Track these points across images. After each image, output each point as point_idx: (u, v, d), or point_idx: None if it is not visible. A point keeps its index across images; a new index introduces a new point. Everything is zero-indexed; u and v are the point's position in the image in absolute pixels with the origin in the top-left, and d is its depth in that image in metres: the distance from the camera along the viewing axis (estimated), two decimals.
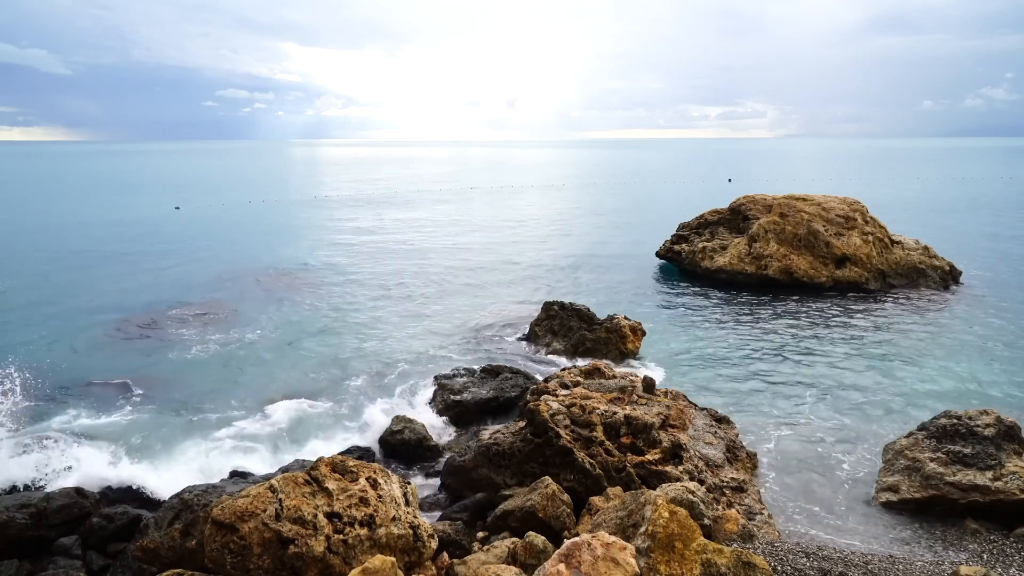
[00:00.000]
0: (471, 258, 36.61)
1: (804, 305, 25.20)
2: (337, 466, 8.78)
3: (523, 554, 8.33)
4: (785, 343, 20.81)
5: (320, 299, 27.29)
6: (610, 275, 31.58)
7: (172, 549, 8.75)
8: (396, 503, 8.52)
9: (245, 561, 7.56)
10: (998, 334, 21.34)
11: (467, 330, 22.95)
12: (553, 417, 11.83)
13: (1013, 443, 11.70)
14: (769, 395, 16.88)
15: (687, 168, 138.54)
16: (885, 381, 17.66)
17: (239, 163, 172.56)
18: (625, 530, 8.01)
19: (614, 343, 19.33)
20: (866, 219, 29.56)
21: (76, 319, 24.37)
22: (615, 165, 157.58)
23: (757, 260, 28.49)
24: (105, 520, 10.50)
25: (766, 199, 31.20)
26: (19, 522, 10.28)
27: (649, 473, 11.17)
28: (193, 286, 29.48)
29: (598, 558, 6.80)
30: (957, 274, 29.03)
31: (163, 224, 50.02)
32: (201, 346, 21.25)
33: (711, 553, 7.36)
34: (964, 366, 18.62)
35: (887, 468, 12.29)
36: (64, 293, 28.38)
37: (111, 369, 19.20)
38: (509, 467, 11.77)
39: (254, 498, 7.91)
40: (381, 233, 45.69)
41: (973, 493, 11.10)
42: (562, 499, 10.15)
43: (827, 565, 8.51)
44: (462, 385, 16.39)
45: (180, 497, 10.28)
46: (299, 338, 22.10)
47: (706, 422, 13.40)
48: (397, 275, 32.04)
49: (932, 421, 12.66)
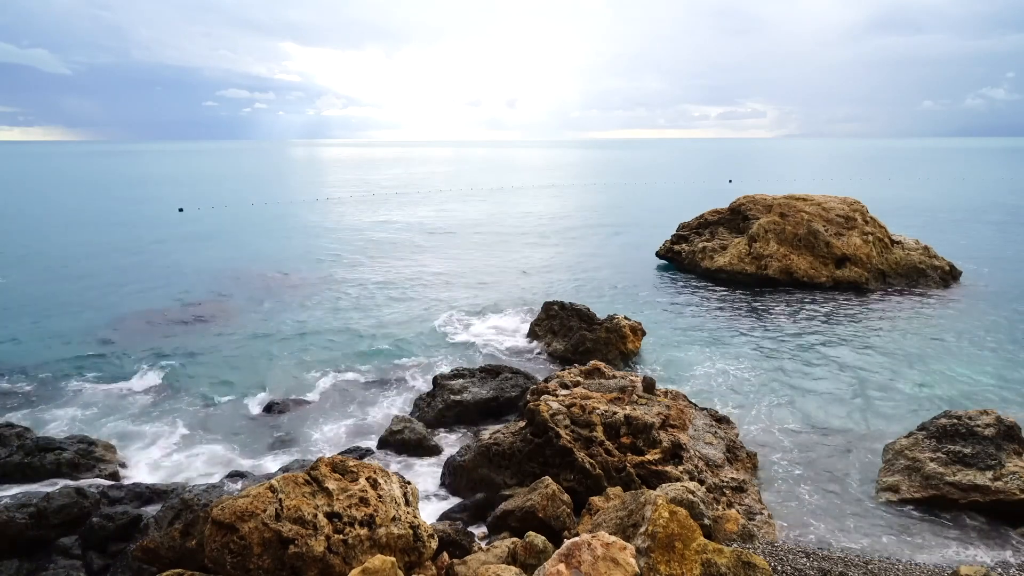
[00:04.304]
0: (471, 258, 36.62)
1: (804, 305, 25.19)
2: (337, 466, 8.78)
3: (523, 554, 8.32)
4: (785, 343, 20.81)
5: (320, 299, 27.30)
6: (610, 275, 31.58)
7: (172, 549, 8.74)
8: (396, 503, 8.52)
9: (245, 561, 7.56)
10: (998, 334, 21.33)
11: (467, 330, 22.95)
12: (553, 417, 11.82)
13: (1013, 443, 11.70)
14: (769, 395, 16.88)
15: (687, 168, 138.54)
16: (885, 381, 17.65)
17: (240, 163, 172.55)
18: (625, 530, 8.01)
19: (614, 343, 19.33)
20: (866, 219, 29.57)
21: (76, 319, 24.38)
22: (615, 165, 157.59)
23: (757, 260, 28.49)
24: (105, 520, 10.49)
25: (766, 199, 31.20)
26: (19, 522, 10.28)
27: (649, 473, 11.16)
28: (194, 286, 29.50)
29: (598, 558, 6.80)
30: (957, 274, 29.03)
31: (165, 225, 50.04)
32: (201, 346, 21.26)
33: (711, 553, 7.36)
34: (964, 366, 18.62)
35: (887, 468, 12.29)
36: (65, 293, 28.39)
37: (111, 368, 19.21)
38: (509, 467, 11.77)
39: (254, 498, 7.91)
40: (381, 233, 45.68)
41: (973, 493, 11.11)
42: (562, 499, 10.14)
43: (827, 565, 8.51)
44: (462, 385, 16.38)
45: (180, 497, 10.28)
46: (299, 338, 22.11)
47: (706, 422, 13.40)
48: (397, 275, 32.05)
49: (932, 421, 12.66)
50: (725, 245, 30.31)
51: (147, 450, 14.60)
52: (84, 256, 36.99)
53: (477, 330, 22.97)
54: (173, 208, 60.74)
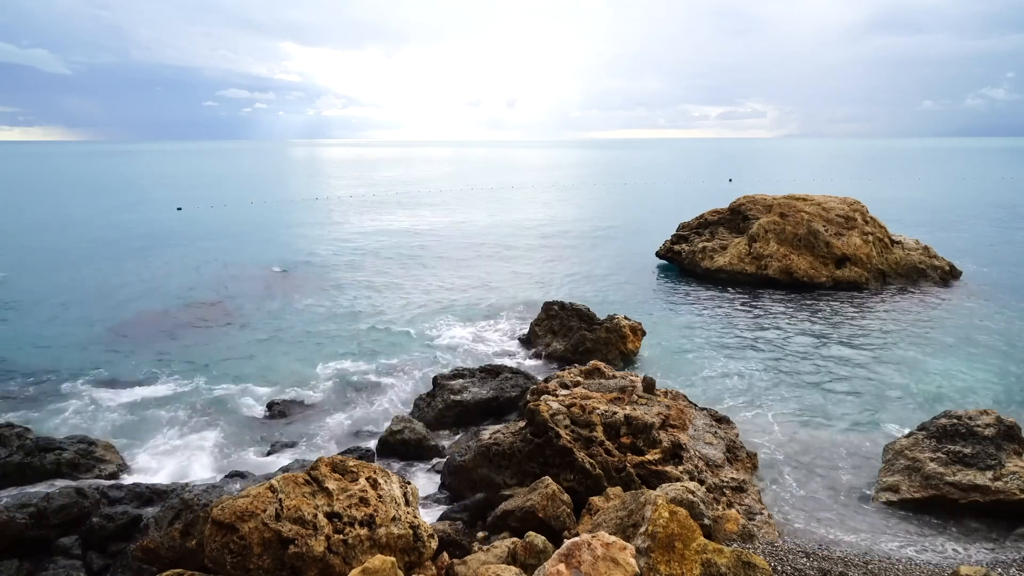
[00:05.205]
0: (470, 257, 36.62)
1: (804, 305, 25.19)
2: (337, 466, 8.77)
3: (523, 554, 8.32)
4: (785, 343, 20.81)
5: (320, 299, 27.30)
6: (610, 275, 31.59)
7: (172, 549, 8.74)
8: (396, 503, 8.52)
9: (245, 561, 7.56)
10: (998, 334, 21.33)
11: (467, 330, 22.95)
12: (553, 417, 11.82)
13: (1013, 443, 11.70)
14: (769, 395, 16.88)
15: (687, 168, 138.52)
16: (885, 381, 17.65)
17: (239, 163, 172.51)
18: (625, 530, 8.00)
19: (614, 343, 19.33)
20: (866, 219, 29.57)
21: (75, 319, 24.38)
22: (615, 165, 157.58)
23: (757, 260, 28.49)
24: (105, 520, 10.49)
25: (766, 199, 31.20)
26: (19, 522, 10.27)
27: (649, 473, 11.16)
28: (193, 286, 29.50)
29: (598, 558, 6.79)
30: (957, 274, 29.04)
31: (165, 225, 50.03)
32: (201, 346, 21.26)
33: (711, 553, 7.35)
34: (964, 366, 18.62)
35: (887, 468, 12.29)
36: (63, 293, 28.37)
37: (110, 368, 19.21)
38: (509, 467, 11.77)
39: (254, 498, 7.91)
40: (380, 233, 45.69)
41: (973, 493, 11.11)
42: (562, 499, 10.14)
43: (827, 565, 8.51)
44: (462, 385, 16.38)
45: (180, 497, 10.28)
46: (299, 338, 22.11)
47: (706, 422, 13.40)
48: (396, 274, 32.05)
49: (932, 421, 12.66)
50: (725, 245, 30.31)
51: (147, 450, 14.61)
52: (83, 256, 36.98)
53: (477, 330, 22.97)
54: (172, 208, 60.74)
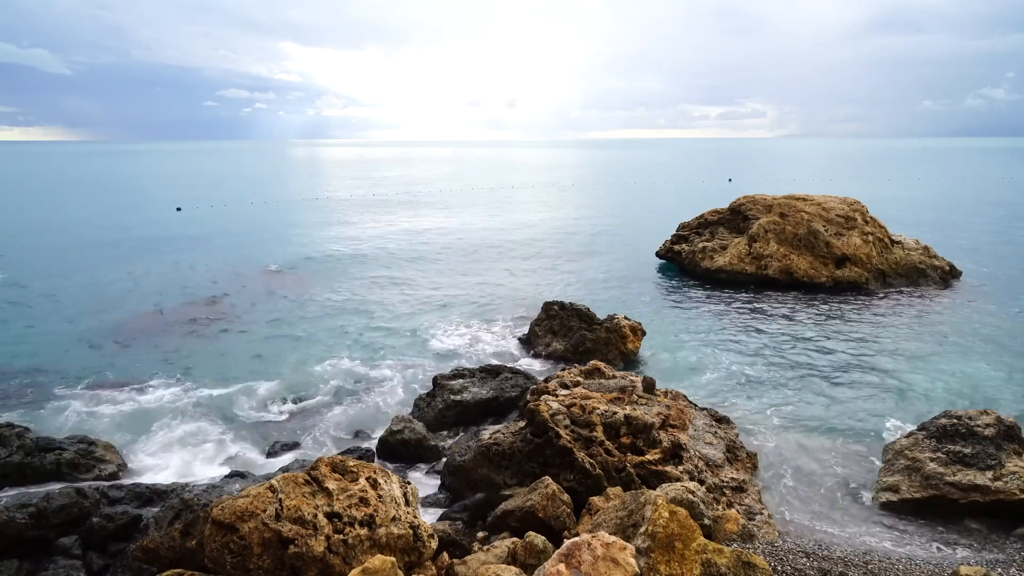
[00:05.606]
0: (471, 257, 36.61)
1: (804, 305, 25.19)
2: (337, 466, 8.77)
3: (523, 554, 8.32)
4: (785, 343, 20.81)
5: (319, 299, 27.30)
6: (610, 275, 31.58)
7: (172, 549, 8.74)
8: (396, 503, 8.52)
9: (245, 561, 7.56)
10: (998, 334, 21.33)
11: (467, 330, 22.95)
12: (553, 417, 11.82)
13: (1013, 443, 11.70)
14: (769, 395, 16.88)
15: (687, 168, 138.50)
16: (885, 381, 17.65)
17: (239, 163, 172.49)
18: (625, 530, 8.00)
19: (614, 343, 19.33)
20: (866, 219, 29.57)
21: (75, 319, 24.38)
22: (615, 165, 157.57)
23: (757, 260, 28.49)
24: (105, 520, 10.49)
25: (766, 199, 31.19)
26: (19, 522, 10.27)
27: (649, 473, 11.16)
28: (193, 286, 29.50)
29: (598, 558, 6.79)
30: (957, 274, 29.04)
31: (165, 225, 50.02)
32: (200, 346, 21.26)
33: (711, 553, 7.35)
34: (964, 366, 18.62)
35: (887, 468, 12.29)
36: (63, 293, 28.37)
37: (110, 368, 19.21)
38: (509, 467, 11.77)
39: (254, 498, 7.91)
40: (381, 233, 45.68)
41: (973, 493, 11.10)
42: (562, 499, 10.14)
43: (827, 565, 8.51)
44: (462, 385, 16.38)
45: (180, 497, 10.28)
46: (298, 338, 22.11)
47: (706, 422, 13.40)
48: (396, 274, 32.05)
49: (932, 421, 12.66)
50: (725, 245, 30.31)
51: (147, 450, 14.61)
52: (83, 256, 36.97)
53: (477, 330, 22.97)
54: (172, 208, 60.73)
